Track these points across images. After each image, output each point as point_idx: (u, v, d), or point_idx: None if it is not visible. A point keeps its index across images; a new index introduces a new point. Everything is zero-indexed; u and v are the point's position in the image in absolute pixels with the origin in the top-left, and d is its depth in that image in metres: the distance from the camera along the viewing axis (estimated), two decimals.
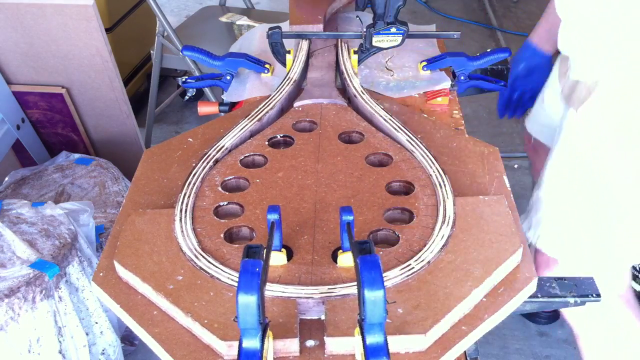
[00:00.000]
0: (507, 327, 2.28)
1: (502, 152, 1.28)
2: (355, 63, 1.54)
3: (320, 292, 0.92)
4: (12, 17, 2.15)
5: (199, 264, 0.97)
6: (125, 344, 2.08)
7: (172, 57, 2.85)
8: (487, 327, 0.91)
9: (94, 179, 2.21)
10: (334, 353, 0.86)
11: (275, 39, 1.56)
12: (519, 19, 4.34)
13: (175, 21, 3.58)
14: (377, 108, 1.34)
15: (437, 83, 1.55)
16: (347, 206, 0.95)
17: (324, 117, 1.33)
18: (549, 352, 2.21)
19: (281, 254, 0.98)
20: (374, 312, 0.74)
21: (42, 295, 1.67)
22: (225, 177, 1.17)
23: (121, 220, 1.10)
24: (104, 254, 1.04)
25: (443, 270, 0.95)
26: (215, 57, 1.61)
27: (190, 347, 0.88)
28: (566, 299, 1.00)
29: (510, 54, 1.62)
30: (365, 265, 0.75)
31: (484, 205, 1.06)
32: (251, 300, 0.73)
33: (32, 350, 1.68)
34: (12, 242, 1.73)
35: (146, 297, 0.96)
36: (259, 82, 1.58)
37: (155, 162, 1.25)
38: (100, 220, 2.04)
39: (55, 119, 2.40)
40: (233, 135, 1.27)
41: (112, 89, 2.31)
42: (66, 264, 1.76)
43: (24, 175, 2.25)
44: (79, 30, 2.15)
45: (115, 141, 2.50)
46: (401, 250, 0.99)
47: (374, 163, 1.20)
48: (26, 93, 2.33)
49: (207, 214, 1.08)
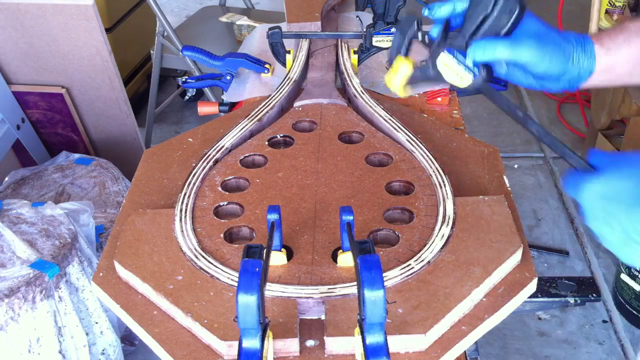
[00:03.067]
0: (507, 327, 2.28)
1: (502, 152, 1.28)
2: (355, 63, 1.54)
3: (320, 292, 0.92)
4: (12, 17, 2.15)
5: (199, 264, 0.97)
6: (125, 344, 2.08)
7: (172, 57, 2.85)
8: (487, 327, 0.91)
9: (94, 179, 2.21)
10: (334, 353, 0.86)
11: (275, 39, 1.56)
12: None
13: (175, 21, 3.59)
14: (377, 108, 1.34)
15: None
16: (347, 206, 0.95)
17: (324, 117, 1.33)
18: (549, 352, 2.21)
19: (281, 254, 0.98)
20: (374, 312, 0.74)
21: (42, 295, 1.67)
22: (225, 177, 1.17)
23: (121, 220, 1.10)
24: (104, 254, 1.04)
25: (443, 270, 0.95)
26: (215, 57, 1.61)
27: (190, 347, 0.88)
28: (566, 299, 1.00)
29: None
30: (365, 265, 0.75)
31: (484, 205, 1.06)
32: (251, 300, 0.73)
33: (32, 350, 1.68)
34: (12, 242, 1.73)
35: (146, 297, 0.96)
36: (259, 82, 1.58)
37: (155, 162, 1.25)
38: (100, 220, 2.04)
39: (55, 119, 2.40)
40: (233, 135, 1.27)
41: (112, 89, 2.31)
42: (66, 264, 1.76)
43: (24, 175, 2.25)
44: (79, 30, 2.15)
45: (115, 141, 2.50)
46: (401, 250, 0.99)
47: (374, 163, 1.20)
48: (26, 93, 2.33)
49: (207, 214, 1.08)
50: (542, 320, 2.33)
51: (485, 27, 0.85)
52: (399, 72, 0.91)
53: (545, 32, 0.90)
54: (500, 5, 0.83)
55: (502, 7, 0.83)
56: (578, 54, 0.92)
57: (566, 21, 3.22)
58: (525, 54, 0.88)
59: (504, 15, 0.83)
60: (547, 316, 2.34)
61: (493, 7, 0.82)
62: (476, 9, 0.85)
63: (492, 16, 0.84)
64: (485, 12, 0.83)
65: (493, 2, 0.83)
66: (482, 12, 0.84)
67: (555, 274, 2.48)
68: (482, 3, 0.84)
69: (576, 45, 0.92)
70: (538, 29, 0.89)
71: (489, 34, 0.85)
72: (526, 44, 0.87)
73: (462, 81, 0.87)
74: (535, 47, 0.87)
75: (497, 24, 0.84)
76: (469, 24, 0.86)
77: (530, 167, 3.05)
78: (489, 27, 0.84)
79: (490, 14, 0.84)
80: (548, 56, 0.89)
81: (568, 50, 0.91)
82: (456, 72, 0.87)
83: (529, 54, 0.87)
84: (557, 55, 0.90)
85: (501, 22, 0.83)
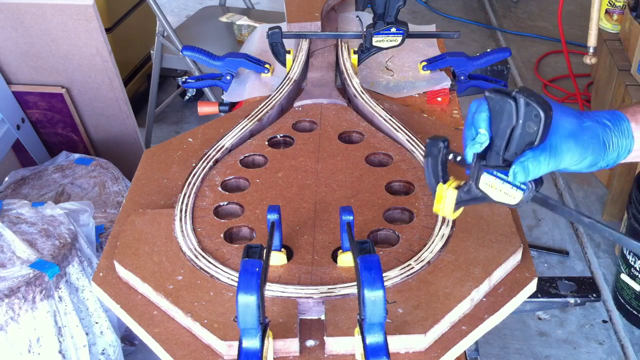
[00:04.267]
0: (507, 327, 2.28)
1: None
2: (355, 63, 1.54)
3: (320, 292, 0.92)
4: (12, 17, 2.15)
5: (199, 264, 0.97)
6: (125, 344, 2.08)
7: (172, 57, 2.85)
8: (487, 327, 0.91)
9: (94, 179, 2.21)
10: (334, 353, 0.86)
11: (275, 39, 1.56)
12: (519, 19, 4.34)
13: (175, 21, 3.58)
14: (377, 108, 1.34)
15: (437, 83, 1.55)
16: (347, 206, 0.95)
17: (324, 117, 1.33)
18: (549, 352, 2.21)
19: (281, 254, 0.98)
20: (374, 312, 0.75)
21: (42, 295, 1.67)
22: (225, 177, 1.17)
23: (121, 220, 1.10)
24: (104, 254, 1.04)
25: (443, 270, 0.95)
26: (215, 57, 1.61)
27: (190, 347, 0.88)
28: (566, 299, 1.00)
29: (510, 54, 1.61)
30: (365, 265, 0.75)
31: (484, 205, 1.06)
32: (251, 300, 0.73)
33: (32, 350, 1.68)
34: (12, 242, 1.73)
35: (146, 297, 0.96)
36: (259, 82, 1.58)
37: (155, 162, 1.25)
38: (100, 220, 2.04)
39: (55, 119, 2.40)
40: (233, 135, 1.27)
41: (112, 89, 2.31)
42: (66, 264, 1.76)
43: (24, 175, 2.25)
44: (79, 30, 2.15)
45: (115, 141, 2.50)
46: (401, 250, 0.99)
47: (374, 163, 1.20)
48: (26, 93, 2.33)
49: (207, 214, 1.08)
50: (542, 320, 2.33)
51: (516, 139, 0.79)
52: (446, 200, 0.87)
53: (580, 128, 0.84)
54: (522, 114, 0.77)
55: (526, 115, 0.77)
56: (617, 137, 0.87)
57: (566, 21, 3.22)
58: (568, 160, 0.83)
59: (531, 122, 0.77)
60: (547, 316, 2.34)
61: (517, 117, 0.77)
62: (500, 124, 0.80)
63: (519, 126, 0.78)
64: (511, 124, 0.78)
65: (516, 113, 0.77)
66: (508, 125, 0.78)
67: (555, 274, 2.48)
68: (505, 116, 0.78)
69: (613, 128, 0.86)
70: (572, 126, 0.83)
71: (521, 144, 0.80)
72: (566, 149, 0.82)
73: (513, 199, 0.83)
74: (575, 149, 0.82)
75: (527, 132, 0.78)
76: (499, 140, 0.80)
77: None
78: (520, 137, 0.79)
79: (516, 124, 0.78)
80: (590, 152, 0.84)
81: (607, 138, 0.86)
82: (504, 192, 0.82)
83: (571, 159, 0.83)
84: (597, 149, 0.85)
85: (530, 129, 0.77)
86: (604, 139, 0.85)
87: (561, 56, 3.55)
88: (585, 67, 2.94)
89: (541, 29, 4.18)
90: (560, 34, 3.23)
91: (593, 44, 2.73)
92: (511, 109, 0.77)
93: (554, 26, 4.06)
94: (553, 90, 3.54)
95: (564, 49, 3.29)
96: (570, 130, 0.83)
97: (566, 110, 0.84)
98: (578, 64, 3.32)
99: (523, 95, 0.76)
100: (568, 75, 3.44)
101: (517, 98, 0.76)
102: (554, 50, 3.88)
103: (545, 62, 3.83)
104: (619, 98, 2.60)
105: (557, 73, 3.68)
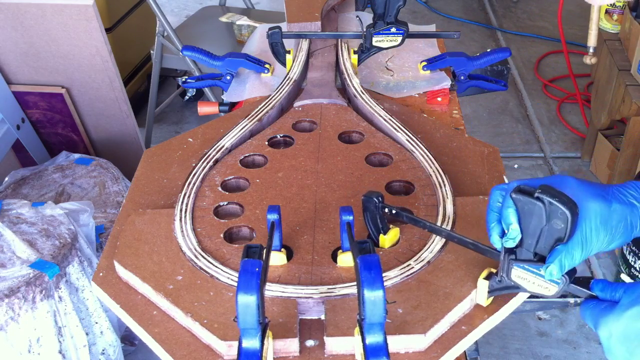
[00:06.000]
0: (507, 327, 2.28)
1: (502, 152, 1.28)
2: (355, 63, 1.54)
3: (320, 292, 0.92)
4: (12, 17, 2.15)
5: (199, 264, 0.97)
6: (125, 344, 2.08)
7: (172, 57, 2.85)
8: (487, 327, 0.91)
9: (94, 179, 2.21)
10: (334, 353, 0.86)
11: (275, 39, 1.56)
12: (519, 19, 4.34)
13: (175, 21, 3.59)
14: (377, 108, 1.34)
15: (437, 83, 1.55)
16: (347, 206, 0.95)
17: (324, 117, 1.33)
18: (549, 352, 2.21)
19: (281, 254, 0.98)
20: (373, 312, 0.75)
21: (42, 295, 1.67)
22: (225, 177, 1.17)
23: (121, 220, 1.10)
24: (104, 254, 1.04)
25: (443, 270, 0.95)
26: (215, 57, 1.61)
27: (190, 347, 0.88)
28: (566, 299, 1.00)
29: (510, 54, 1.61)
30: (365, 265, 0.75)
31: (484, 205, 1.06)
32: (251, 300, 0.73)
33: (32, 350, 1.68)
34: (12, 242, 1.73)
35: (146, 297, 0.96)
36: (259, 82, 1.58)
37: (155, 162, 1.25)
38: (100, 220, 2.04)
39: (55, 119, 2.40)
40: (233, 135, 1.27)
41: (112, 89, 2.31)
42: (66, 264, 1.76)
43: (24, 175, 2.25)
44: (79, 30, 2.15)
45: (115, 141, 2.50)
46: (401, 250, 0.99)
47: (374, 163, 1.20)
48: (26, 93, 2.33)
49: (207, 214, 1.08)
50: (542, 320, 2.33)
51: (545, 234, 0.80)
52: (480, 291, 0.91)
53: (608, 212, 0.83)
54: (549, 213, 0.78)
55: (552, 214, 0.78)
56: None
57: (566, 21, 3.22)
58: (597, 248, 0.83)
59: (557, 219, 0.78)
60: (547, 316, 2.34)
61: (547, 219, 0.78)
62: (530, 224, 0.81)
63: (548, 225, 0.79)
64: (542, 224, 0.79)
65: (546, 216, 0.78)
66: (539, 226, 0.80)
67: None
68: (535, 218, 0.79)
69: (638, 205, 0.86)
70: (600, 211, 0.82)
71: (550, 240, 0.81)
72: (596, 239, 0.82)
73: (549, 292, 0.84)
74: (604, 238, 0.83)
75: (554, 229, 0.79)
76: (529, 239, 0.82)
77: (530, 167, 3.05)
78: (547, 232, 0.80)
79: (545, 224, 0.79)
80: (618, 237, 0.84)
81: (635, 219, 0.85)
82: (537, 284, 0.84)
83: (600, 246, 0.83)
84: (625, 233, 0.85)
85: (557, 225, 0.78)
86: (631, 221, 0.85)
87: (561, 56, 3.56)
88: (585, 67, 2.94)
89: (541, 29, 4.18)
90: (560, 34, 3.23)
91: (593, 44, 2.73)
92: (541, 211, 0.79)
93: (554, 26, 4.06)
94: (553, 90, 3.54)
95: (564, 49, 3.29)
96: (599, 217, 0.82)
97: (591, 189, 0.84)
98: (578, 64, 3.32)
99: (547, 196, 0.77)
100: (568, 75, 3.44)
101: (543, 200, 0.78)
102: (554, 50, 3.88)
103: (545, 62, 3.83)
104: (619, 98, 2.60)
105: (557, 73, 3.68)
